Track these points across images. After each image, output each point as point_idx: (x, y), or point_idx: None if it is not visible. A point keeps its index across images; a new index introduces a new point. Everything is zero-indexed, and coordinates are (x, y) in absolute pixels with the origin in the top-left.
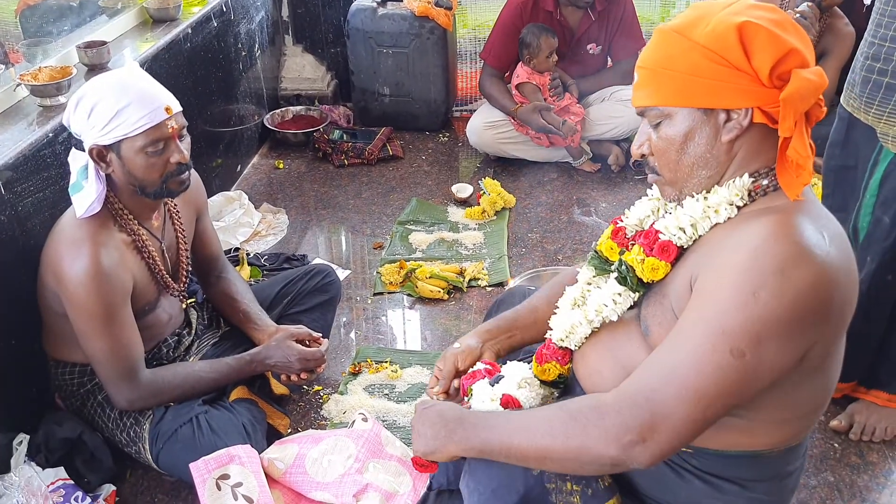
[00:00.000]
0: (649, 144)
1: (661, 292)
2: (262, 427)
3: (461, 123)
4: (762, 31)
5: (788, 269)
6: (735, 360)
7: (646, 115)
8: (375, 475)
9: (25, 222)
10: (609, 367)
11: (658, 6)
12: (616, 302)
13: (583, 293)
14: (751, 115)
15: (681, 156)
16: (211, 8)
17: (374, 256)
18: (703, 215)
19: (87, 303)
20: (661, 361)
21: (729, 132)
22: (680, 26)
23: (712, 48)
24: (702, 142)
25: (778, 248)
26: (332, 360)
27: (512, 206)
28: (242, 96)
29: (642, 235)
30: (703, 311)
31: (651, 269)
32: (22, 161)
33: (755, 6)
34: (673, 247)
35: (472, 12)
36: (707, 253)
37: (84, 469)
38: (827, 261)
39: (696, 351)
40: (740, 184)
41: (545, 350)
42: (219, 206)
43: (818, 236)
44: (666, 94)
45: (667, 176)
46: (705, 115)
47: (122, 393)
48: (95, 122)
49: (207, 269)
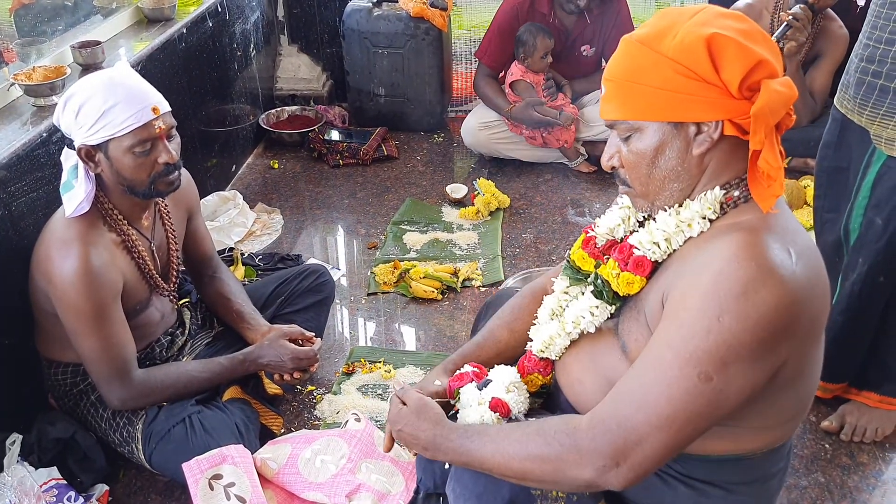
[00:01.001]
0: (619, 157)
1: (637, 307)
2: (255, 427)
3: (456, 124)
4: (731, 42)
5: (750, 292)
6: (703, 385)
7: (615, 128)
8: (368, 475)
9: (19, 222)
10: (590, 377)
11: (653, 7)
12: (593, 314)
13: (559, 303)
14: (721, 127)
15: (651, 169)
16: (206, 8)
17: (369, 256)
18: (677, 230)
19: (77, 302)
20: (632, 387)
21: (700, 145)
22: (646, 37)
23: (681, 61)
24: (673, 155)
25: (740, 271)
26: (325, 360)
27: (506, 207)
28: (238, 96)
29: (617, 249)
30: (670, 335)
31: (626, 283)
32: (16, 161)
33: (722, 14)
34: (647, 262)
35: (467, 13)
36: (678, 269)
37: (77, 469)
38: (791, 279)
39: (665, 376)
40: (712, 196)
41: (526, 362)
42: (213, 205)
43: (783, 254)
44: (635, 107)
45: (638, 189)
46: (675, 129)
47: (114, 392)
48: (83, 122)
49: (200, 269)
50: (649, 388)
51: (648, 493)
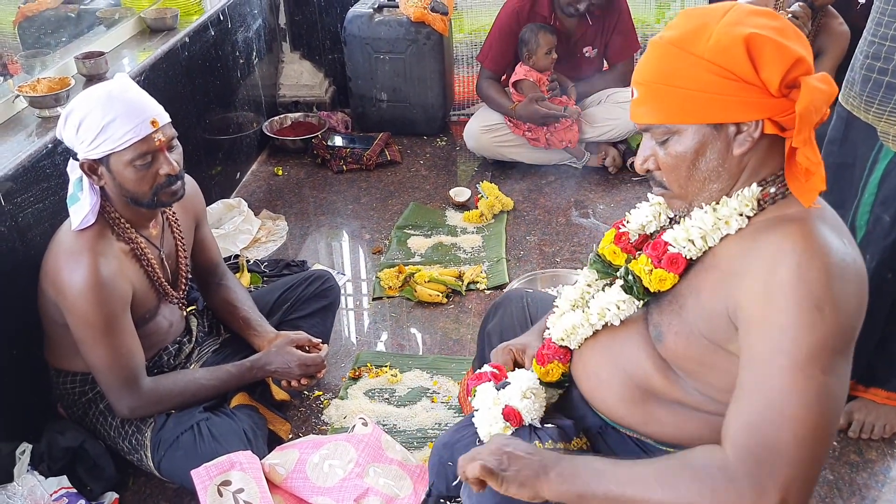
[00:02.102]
0: (655, 160)
1: (676, 301)
2: (262, 433)
3: (458, 127)
4: (769, 42)
5: (836, 279)
6: (828, 379)
7: (651, 132)
8: (376, 479)
9: (25, 233)
10: (608, 369)
11: (653, 8)
12: (619, 307)
13: (583, 295)
14: (761, 126)
15: (692, 171)
16: (208, 17)
17: (373, 261)
18: (714, 227)
19: (87, 312)
20: (760, 406)
21: (741, 145)
22: (678, 39)
23: (718, 62)
24: (713, 156)
25: (818, 260)
26: (332, 365)
27: (510, 210)
28: (241, 104)
29: (650, 246)
30: (775, 341)
31: (659, 280)
32: (21, 172)
33: (754, 13)
34: (682, 259)
35: (468, 17)
36: (733, 273)
37: (87, 477)
38: (858, 263)
39: (792, 384)
40: (749, 193)
41: (545, 350)
42: (218, 213)
43: (840, 242)
44: (672, 110)
45: (676, 191)
46: (715, 130)
47: (123, 401)
48: (84, 137)
49: (207, 277)
50: (781, 401)
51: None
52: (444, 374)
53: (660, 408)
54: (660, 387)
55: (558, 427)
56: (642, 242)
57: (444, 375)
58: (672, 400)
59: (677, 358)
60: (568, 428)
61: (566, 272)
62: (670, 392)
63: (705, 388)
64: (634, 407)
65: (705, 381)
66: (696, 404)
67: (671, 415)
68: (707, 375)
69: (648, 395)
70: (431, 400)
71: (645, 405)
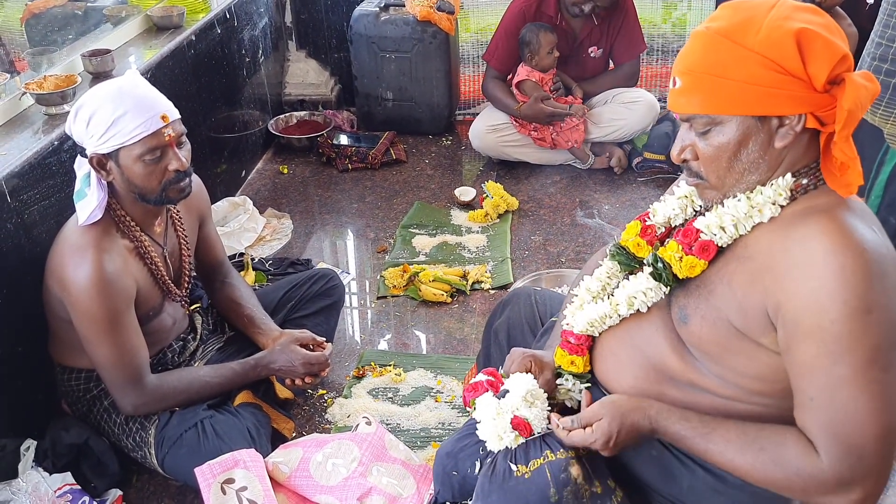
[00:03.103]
0: (692, 150)
1: (706, 287)
2: (266, 431)
3: (464, 127)
4: (819, 38)
5: (878, 277)
6: (891, 375)
7: (691, 122)
8: (379, 478)
9: (31, 230)
10: (626, 350)
11: (660, 8)
12: (647, 295)
13: (604, 286)
14: (804, 120)
15: (733, 163)
16: (214, 15)
17: (378, 260)
18: (747, 215)
19: (91, 309)
20: (836, 418)
21: (783, 138)
22: (728, 31)
23: (769, 56)
24: (755, 148)
25: (859, 259)
26: (336, 363)
27: (515, 209)
28: (246, 102)
29: (681, 233)
30: (830, 352)
31: (689, 266)
32: (28, 169)
33: (801, 8)
34: (713, 246)
35: (474, 16)
36: (770, 269)
37: (90, 474)
38: (891, 249)
39: (860, 392)
40: (783, 183)
41: (574, 340)
42: (224, 211)
43: (872, 233)
44: (719, 102)
45: (713, 181)
46: (759, 122)
47: (127, 398)
48: (94, 131)
49: (212, 275)
50: (853, 409)
51: (668, 478)
52: (447, 374)
53: (672, 389)
54: (675, 368)
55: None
56: (667, 235)
57: (448, 375)
58: (686, 382)
59: (700, 342)
60: None
61: (570, 272)
62: (684, 374)
63: (725, 371)
64: (648, 387)
65: (727, 366)
66: (711, 387)
67: (683, 396)
68: (730, 360)
69: (663, 377)
70: (435, 399)
71: (659, 386)
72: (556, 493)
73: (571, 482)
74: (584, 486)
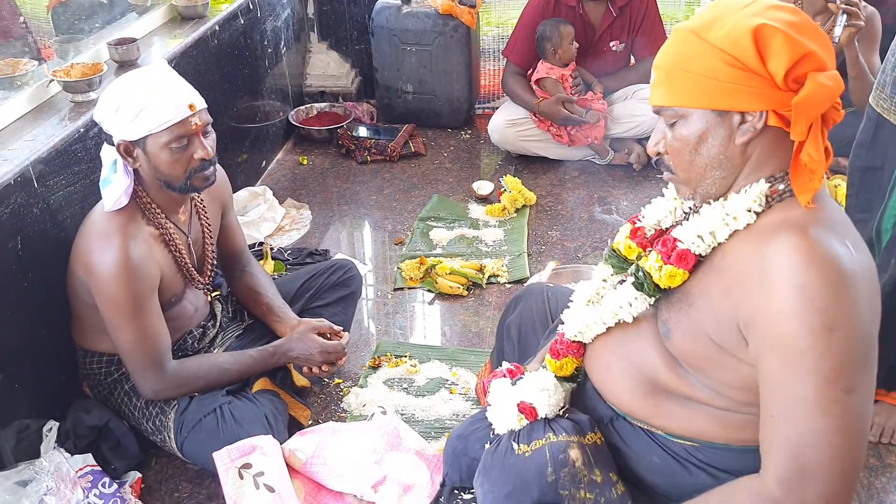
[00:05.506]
0: (665, 143)
1: (686, 300)
2: (283, 418)
3: (483, 121)
4: (778, 33)
5: (843, 293)
6: (850, 398)
7: (662, 115)
8: (393, 467)
9: (56, 215)
10: (618, 363)
11: (683, 5)
12: (631, 305)
13: (598, 291)
14: (765, 117)
15: (694, 156)
16: (238, 5)
17: (395, 252)
18: (722, 223)
19: (116, 294)
20: (794, 436)
21: (743, 134)
22: (696, 27)
23: (727, 50)
24: (716, 143)
25: (824, 278)
26: (352, 353)
27: (532, 204)
28: (268, 93)
29: (660, 242)
30: (794, 369)
31: (669, 276)
32: (54, 155)
33: (774, 7)
34: (691, 255)
35: (495, 10)
36: (741, 282)
37: (111, 456)
38: (863, 269)
39: (819, 410)
40: (757, 189)
41: (559, 345)
42: (244, 200)
43: (844, 249)
44: (681, 94)
45: (680, 175)
46: (720, 117)
47: (148, 382)
48: (122, 119)
49: (232, 263)
50: (812, 428)
51: (671, 481)
52: (462, 366)
53: (668, 401)
54: (668, 381)
55: (573, 421)
56: (658, 237)
57: (463, 367)
58: (680, 395)
59: (684, 354)
60: (583, 423)
61: (587, 267)
62: (678, 387)
63: (713, 383)
64: (644, 400)
65: (713, 377)
66: (704, 399)
67: (680, 408)
68: (715, 372)
69: (657, 389)
70: (450, 391)
71: (654, 398)
72: (553, 472)
73: (570, 464)
74: (582, 471)
